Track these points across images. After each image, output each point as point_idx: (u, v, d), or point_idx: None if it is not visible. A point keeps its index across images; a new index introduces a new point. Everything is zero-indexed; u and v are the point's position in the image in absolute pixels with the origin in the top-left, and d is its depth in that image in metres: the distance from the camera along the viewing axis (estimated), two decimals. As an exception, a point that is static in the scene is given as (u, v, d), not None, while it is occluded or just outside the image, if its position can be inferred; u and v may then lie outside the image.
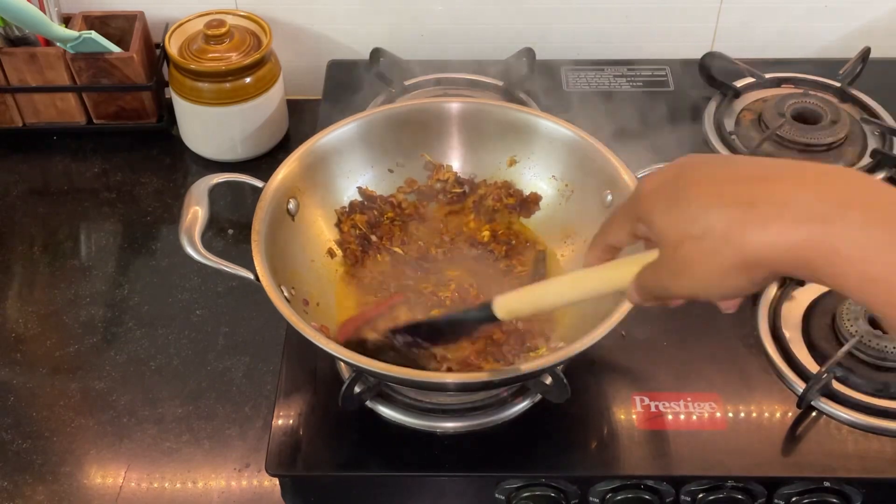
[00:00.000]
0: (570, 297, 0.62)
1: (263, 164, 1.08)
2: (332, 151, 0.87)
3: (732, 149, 1.04)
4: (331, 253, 0.86)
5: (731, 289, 0.49)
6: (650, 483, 0.76)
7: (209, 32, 1.02)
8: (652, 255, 0.54)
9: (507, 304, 0.64)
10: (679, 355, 0.83)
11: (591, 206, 0.86)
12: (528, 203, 0.89)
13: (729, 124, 1.07)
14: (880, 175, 1.00)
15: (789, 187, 0.46)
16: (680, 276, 0.50)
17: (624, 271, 0.56)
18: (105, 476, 0.81)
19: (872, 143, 1.04)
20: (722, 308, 0.56)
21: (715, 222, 0.47)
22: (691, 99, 1.11)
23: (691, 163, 0.52)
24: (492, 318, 0.64)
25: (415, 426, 0.78)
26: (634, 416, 0.79)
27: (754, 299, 0.87)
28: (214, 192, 0.80)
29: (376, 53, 1.08)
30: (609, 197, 0.83)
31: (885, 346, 0.80)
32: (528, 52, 1.09)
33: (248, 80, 1.03)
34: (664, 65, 1.15)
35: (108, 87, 1.07)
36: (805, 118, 1.05)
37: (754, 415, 0.79)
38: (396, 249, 0.87)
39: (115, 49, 1.05)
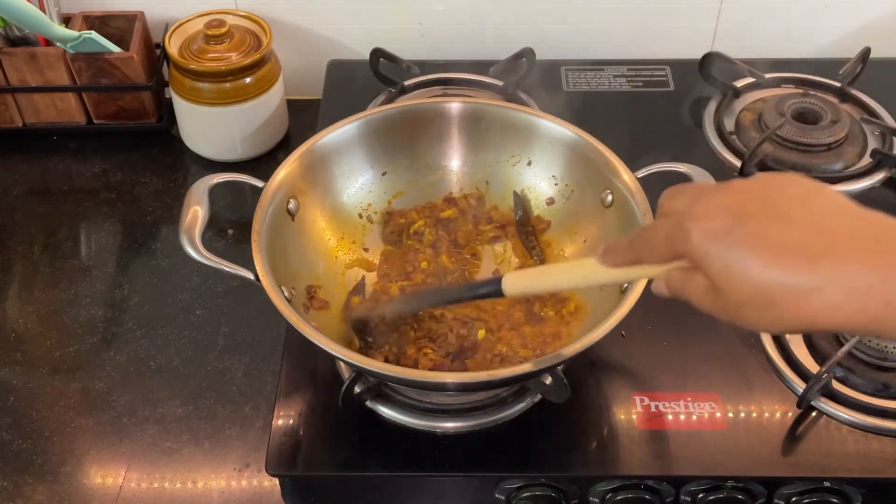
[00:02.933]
0: (578, 282, 0.65)
1: (263, 164, 1.08)
2: (332, 151, 0.87)
3: (733, 149, 1.04)
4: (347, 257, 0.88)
5: (785, 334, 0.51)
6: (650, 483, 0.76)
7: (209, 32, 1.02)
8: (674, 263, 0.54)
9: (516, 282, 0.67)
10: (679, 355, 0.83)
11: (591, 206, 0.86)
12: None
13: (729, 124, 1.07)
14: (880, 175, 1.00)
15: (854, 271, 0.46)
16: (734, 318, 0.51)
17: (639, 270, 0.57)
18: (105, 476, 0.81)
19: (872, 143, 1.04)
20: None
21: (781, 296, 0.47)
22: (691, 99, 1.11)
23: (742, 207, 0.49)
24: (499, 293, 0.67)
25: (415, 426, 0.78)
26: (634, 416, 0.79)
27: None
28: (214, 192, 0.80)
29: (376, 53, 1.08)
30: (609, 197, 0.83)
31: (885, 346, 0.80)
32: (528, 52, 1.09)
33: (248, 80, 1.03)
34: (664, 65, 1.15)
35: (108, 87, 1.07)
36: (805, 118, 1.05)
37: (754, 415, 0.79)
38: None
39: (115, 49, 1.05)
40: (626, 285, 0.74)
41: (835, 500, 0.76)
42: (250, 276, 0.74)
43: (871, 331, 0.47)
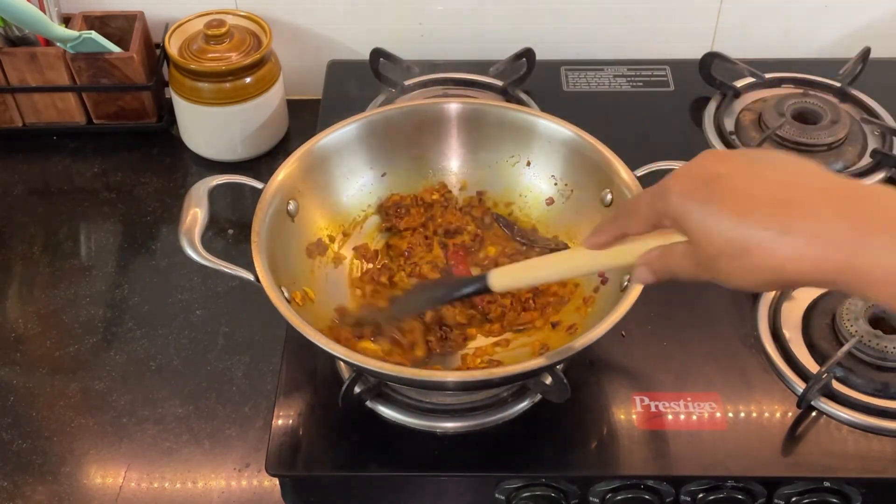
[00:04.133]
0: (564, 273, 0.67)
1: (263, 164, 1.08)
2: (332, 152, 0.87)
3: (733, 149, 1.04)
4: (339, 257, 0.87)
5: (761, 290, 0.52)
6: (650, 483, 0.76)
7: (209, 32, 1.02)
8: (652, 241, 0.57)
9: (502, 277, 0.69)
10: (679, 355, 0.83)
11: (590, 205, 0.86)
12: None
13: (729, 124, 1.07)
14: (880, 175, 1.00)
15: (821, 217, 0.48)
16: (712, 274, 0.53)
17: (622, 252, 0.59)
18: (105, 476, 0.81)
19: (872, 143, 1.04)
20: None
21: (751, 245, 0.50)
22: (691, 99, 1.11)
23: (717, 168, 0.53)
24: (486, 290, 0.70)
25: (415, 426, 0.78)
26: (634, 416, 0.79)
27: (754, 299, 0.87)
28: (214, 192, 0.80)
29: (376, 53, 1.08)
30: (609, 196, 0.83)
31: (885, 346, 0.80)
32: (528, 52, 1.09)
33: (248, 80, 1.03)
34: (664, 65, 1.15)
35: (108, 87, 1.07)
36: (805, 118, 1.05)
37: (754, 415, 0.79)
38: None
39: (115, 49, 1.05)
40: (625, 283, 0.75)
41: (835, 500, 0.76)
42: (250, 276, 0.74)
43: (840, 283, 0.48)
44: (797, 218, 0.49)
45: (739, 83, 1.11)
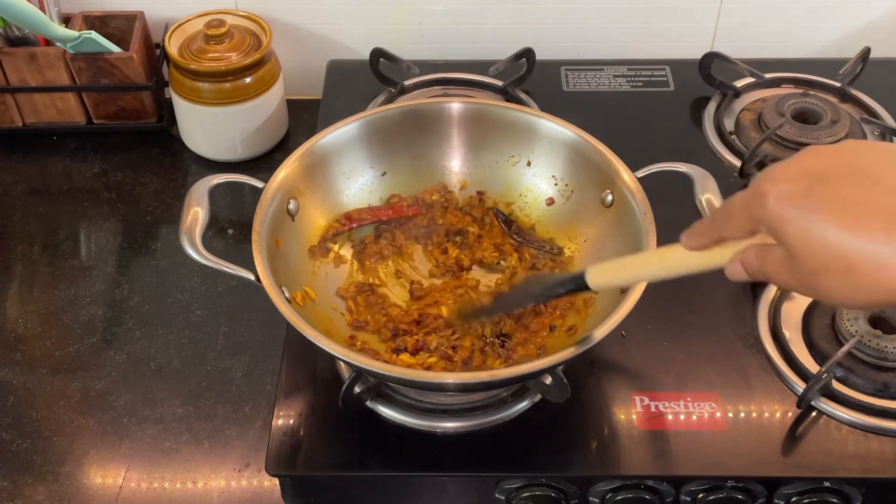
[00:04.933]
0: (661, 273, 0.62)
1: (263, 164, 1.08)
2: (332, 152, 0.87)
3: (733, 149, 1.04)
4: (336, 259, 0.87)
5: (868, 309, 0.47)
6: (650, 483, 0.76)
7: (209, 32, 1.02)
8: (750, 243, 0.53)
9: (600, 275, 0.66)
10: (679, 355, 0.83)
11: (591, 206, 0.86)
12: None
13: (729, 124, 1.07)
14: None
15: None
16: (811, 289, 0.49)
17: (721, 253, 0.55)
18: (105, 476, 0.81)
19: (872, 143, 1.04)
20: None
21: (860, 262, 0.45)
22: (691, 99, 1.11)
23: (822, 169, 0.47)
24: (584, 287, 0.66)
25: (415, 426, 0.78)
26: (634, 416, 0.79)
27: (754, 299, 0.87)
28: (214, 192, 0.80)
29: (376, 53, 1.08)
30: (609, 197, 0.83)
31: (885, 346, 0.80)
32: (528, 52, 1.09)
33: (248, 80, 1.03)
34: (664, 65, 1.15)
35: (108, 87, 1.07)
36: (805, 118, 1.05)
37: (754, 415, 0.79)
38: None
39: (115, 49, 1.05)
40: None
41: (835, 500, 0.76)
42: (250, 276, 0.74)
43: None
44: None
45: (739, 83, 1.11)
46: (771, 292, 0.88)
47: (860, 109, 1.09)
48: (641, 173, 0.81)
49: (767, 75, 1.11)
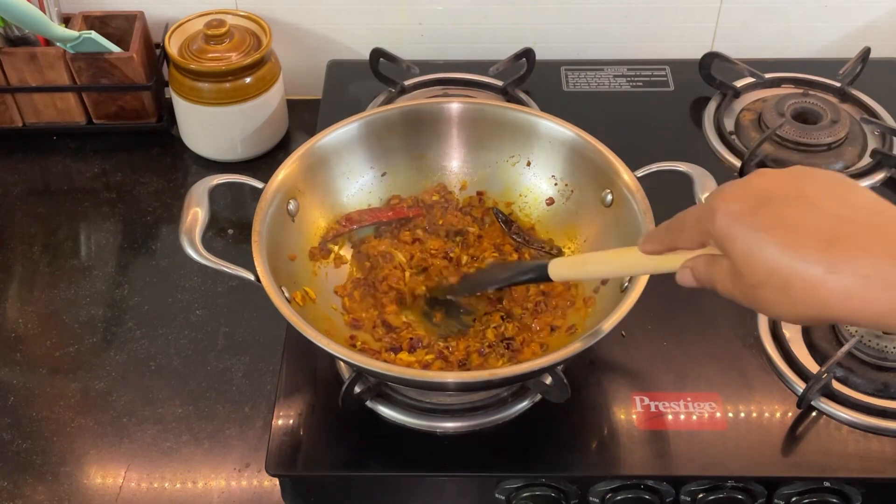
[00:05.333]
0: (617, 270, 0.70)
1: (263, 164, 1.08)
2: (332, 152, 0.87)
3: (733, 149, 1.04)
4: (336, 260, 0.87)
5: (803, 324, 0.51)
6: (650, 483, 0.76)
7: (209, 32, 1.02)
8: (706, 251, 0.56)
9: (561, 268, 0.72)
10: (679, 355, 0.83)
11: (591, 206, 0.86)
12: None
13: (729, 124, 1.07)
14: (880, 175, 1.00)
15: (872, 256, 0.46)
16: (752, 301, 0.52)
17: (673, 259, 0.59)
18: (105, 476, 0.81)
19: (872, 143, 1.04)
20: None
21: (796, 280, 0.48)
22: (691, 99, 1.11)
23: (769, 191, 0.51)
24: (545, 278, 0.72)
25: (415, 426, 0.78)
26: (634, 416, 0.79)
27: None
28: (214, 192, 0.80)
29: (376, 53, 1.08)
30: (609, 197, 0.83)
31: (885, 346, 0.80)
32: (528, 52, 1.09)
33: (248, 80, 1.03)
34: (664, 65, 1.15)
35: (108, 87, 1.07)
36: (805, 118, 1.05)
37: (754, 415, 0.79)
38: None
39: (115, 49, 1.05)
40: (625, 284, 0.75)
41: (835, 500, 0.76)
42: (250, 276, 0.74)
43: (885, 324, 0.47)
44: (846, 257, 0.46)
45: (739, 83, 1.11)
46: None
47: (860, 109, 1.09)
48: (641, 173, 0.81)
49: (767, 75, 1.11)
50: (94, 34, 1.03)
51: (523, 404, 0.79)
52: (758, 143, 1.01)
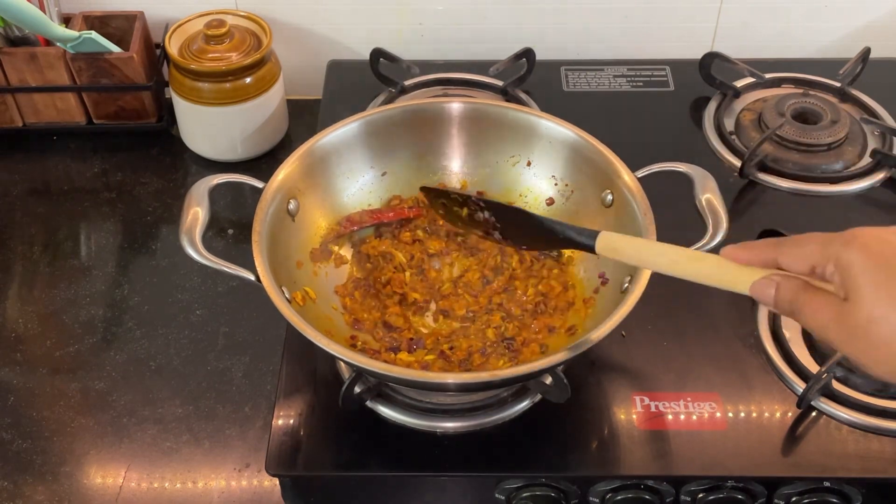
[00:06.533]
0: (680, 271, 0.60)
1: (263, 164, 1.08)
2: (332, 152, 0.87)
3: (733, 149, 1.04)
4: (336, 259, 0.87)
5: (883, 379, 0.50)
6: (650, 483, 0.76)
7: (209, 32, 1.02)
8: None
9: (611, 242, 0.65)
10: (679, 355, 0.83)
11: (591, 206, 0.86)
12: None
13: (729, 124, 1.07)
14: (880, 175, 1.00)
15: None
16: (848, 345, 0.50)
17: (746, 275, 0.55)
18: (105, 476, 0.81)
19: (872, 143, 1.04)
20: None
21: None
22: (691, 99, 1.11)
23: None
24: (589, 247, 0.66)
25: (415, 426, 0.78)
26: (634, 416, 0.79)
27: (754, 300, 0.87)
28: (214, 192, 0.80)
29: (376, 53, 1.08)
30: (609, 197, 0.83)
31: (885, 347, 0.80)
32: (528, 52, 1.09)
33: (248, 80, 1.03)
34: (664, 65, 1.15)
35: (108, 87, 1.07)
36: (805, 118, 1.05)
37: (754, 415, 0.79)
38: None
39: (115, 49, 1.05)
40: (625, 285, 0.75)
41: (835, 500, 0.76)
42: (251, 276, 0.74)
43: None
44: None
45: (739, 83, 1.11)
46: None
47: (860, 109, 1.09)
48: (641, 173, 0.81)
49: (767, 75, 1.12)
50: (94, 34, 1.03)
51: (523, 404, 0.79)
52: (758, 143, 1.01)
